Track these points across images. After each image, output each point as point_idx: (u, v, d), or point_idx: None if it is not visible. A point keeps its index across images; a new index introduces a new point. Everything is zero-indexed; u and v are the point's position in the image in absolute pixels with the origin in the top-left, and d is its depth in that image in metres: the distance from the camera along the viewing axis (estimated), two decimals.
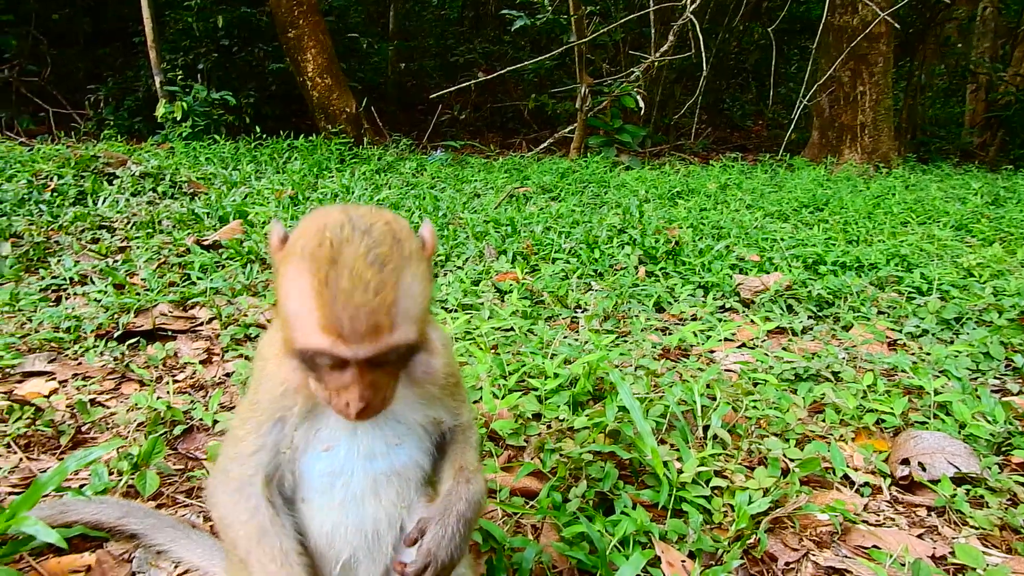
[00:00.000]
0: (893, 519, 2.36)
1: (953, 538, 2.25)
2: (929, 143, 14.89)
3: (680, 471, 2.34)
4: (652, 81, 13.39)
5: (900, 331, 4.02)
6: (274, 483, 1.46)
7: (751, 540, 2.13)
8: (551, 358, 3.21)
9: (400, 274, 1.20)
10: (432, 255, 1.35)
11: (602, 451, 2.47)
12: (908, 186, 9.54)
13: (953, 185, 9.82)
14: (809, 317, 4.29)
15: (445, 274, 4.71)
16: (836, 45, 11.57)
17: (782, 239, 5.78)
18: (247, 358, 3.30)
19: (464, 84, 10.88)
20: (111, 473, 2.33)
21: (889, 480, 2.56)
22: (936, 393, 2.99)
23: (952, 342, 3.85)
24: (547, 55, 11.45)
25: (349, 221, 1.22)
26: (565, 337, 3.74)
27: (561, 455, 2.46)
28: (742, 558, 2.05)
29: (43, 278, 4.13)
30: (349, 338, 1.16)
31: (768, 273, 4.88)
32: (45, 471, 2.26)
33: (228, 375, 3.24)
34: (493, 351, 3.40)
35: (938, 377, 3.19)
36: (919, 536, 2.26)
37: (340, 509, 1.47)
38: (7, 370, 3.08)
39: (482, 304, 4.12)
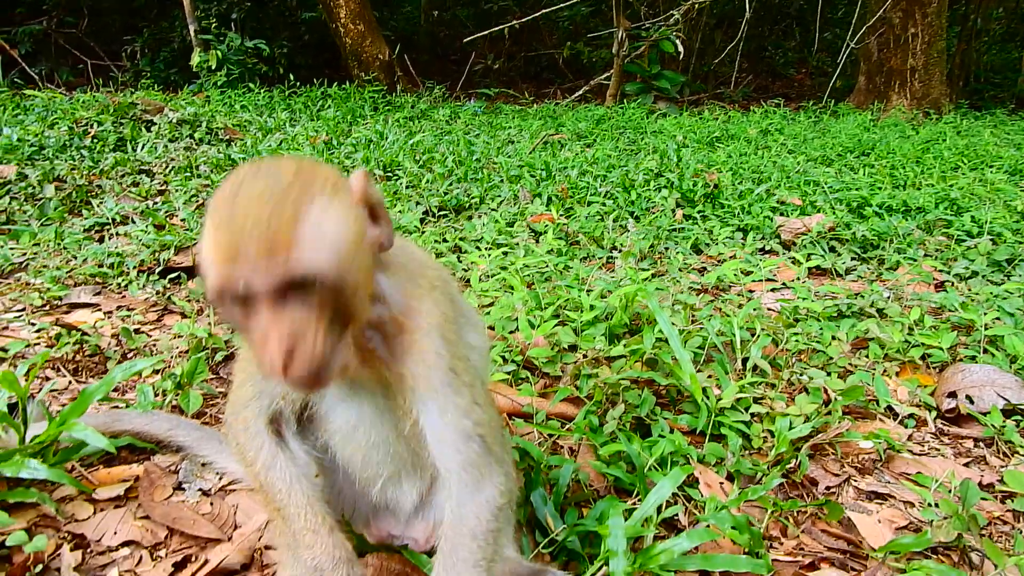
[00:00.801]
0: (938, 449, 2.31)
1: (1002, 467, 2.19)
2: (983, 90, 14.23)
3: (719, 398, 2.31)
4: (691, 26, 12.98)
5: (948, 272, 3.89)
6: (283, 421, 1.51)
7: (791, 464, 2.11)
8: (587, 292, 3.18)
9: (301, 204, 1.10)
10: (364, 202, 1.23)
11: (639, 378, 2.45)
12: (959, 132, 9.16)
13: (1008, 131, 9.40)
14: (853, 258, 4.17)
15: (480, 216, 4.68)
16: None
17: (825, 183, 5.61)
18: None
19: (497, 29, 10.66)
20: (156, 393, 2.39)
21: (935, 413, 2.50)
22: (986, 328, 2.90)
23: (1003, 283, 3.72)
24: None
25: (259, 167, 1.16)
26: (601, 275, 3.70)
27: (598, 381, 2.44)
28: (781, 480, 2.03)
29: (86, 219, 4.20)
30: (241, 261, 1.06)
31: (810, 215, 4.75)
32: None
33: None
34: (528, 287, 3.38)
35: (988, 314, 3.08)
36: (965, 465, 2.21)
37: (368, 446, 1.51)
38: (54, 301, 3.16)
39: (517, 243, 4.09)
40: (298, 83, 10.04)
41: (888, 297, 3.40)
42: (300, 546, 1.42)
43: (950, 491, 2.03)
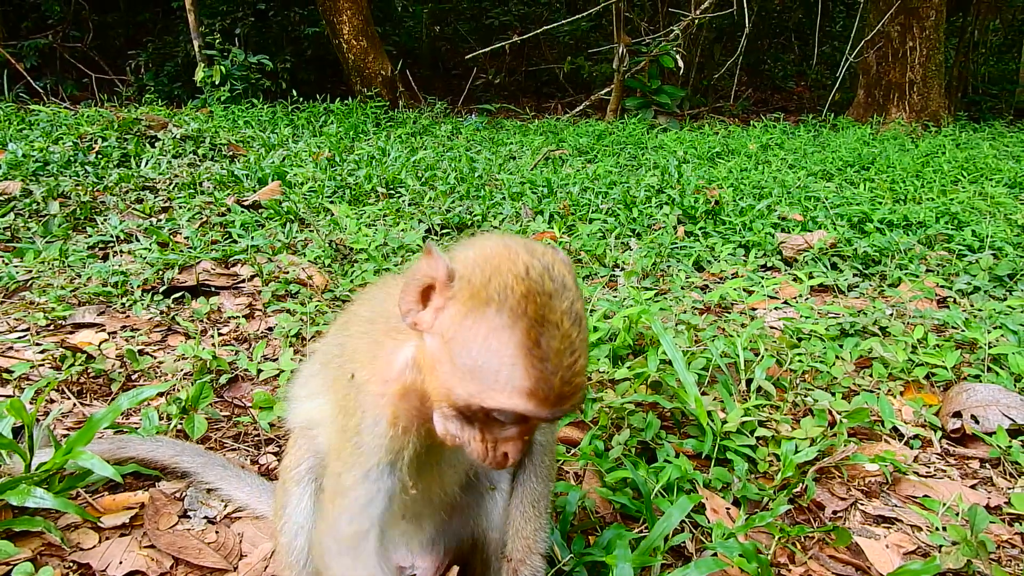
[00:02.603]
0: (944, 471, 2.31)
1: (1008, 489, 2.19)
2: (981, 102, 14.28)
3: (724, 421, 2.30)
4: (691, 41, 13.05)
5: (951, 288, 3.89)
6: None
7: (797, 489, 2.10)
8: (590, 313, 3.18)
9: (587, 344, 1.14)
10: None
11: (644, 401, 2.45)
12: (959, 144, 9.19)
13: (1007, 143, 9.43)
14: (855, 275, 4.18)
15: (481, 234, 4.69)
16: None
17: (826, 198, 5.63)
18: (290, 312, 3.34)
19: (499, 45, 10.73)
20: (161, 418, 2.39)
21: (940, 433, 2.50)
22: (990, 346, 2.90)
23: (1005, 299, 3.72)
24: (583, 14, 11.20)
25: (544, 268, 1.11)
26: (604, 295, 3.70)
27: (602, 406, 2.44)
28: (788, 505, 2.02)
29: (90, 236, 4.22)
30: (555, 402, 1.09)
31: (811, 232, 4.76)
32: None
33: (270, 329, 3.29)
34: None
35: (991, 332, 3.08)
36: (972, 487, 2.21)
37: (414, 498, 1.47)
38: (59, 321, 3.17)
39: None
40: (301, 98, 10.09)
41: (891, 314, 3.40)
42: None
43: (958, 515, 2.02)
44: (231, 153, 6.50)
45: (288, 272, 3.81)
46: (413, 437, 1.29)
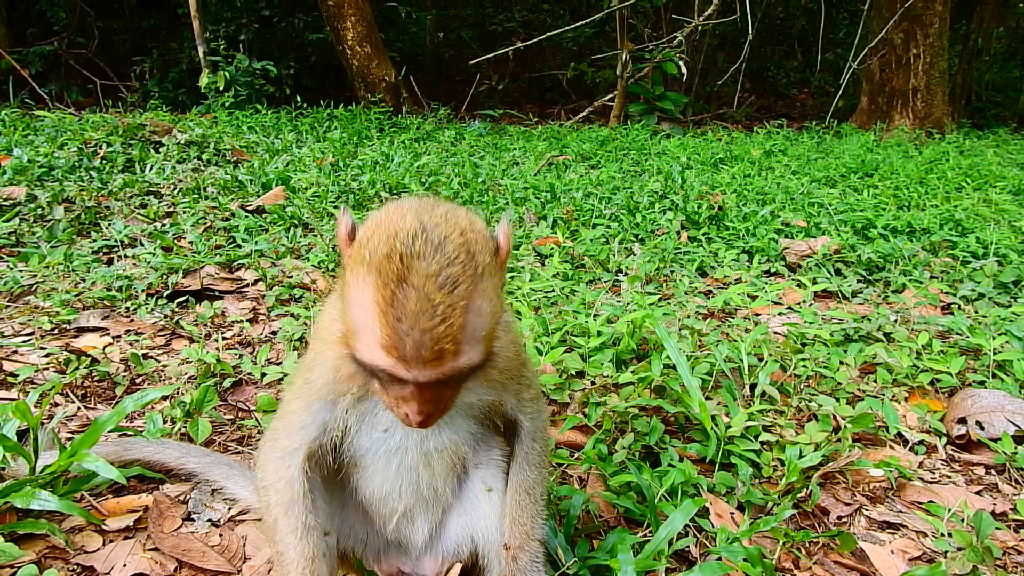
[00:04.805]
0: (949, 477, 2.30)
1: (1014, 495, 2.18)
2: (985, 109, 14.29)
3: (728, 426, 2.30)
4: (694, 48, 13.08)
5: (955, 294, 3.89)
6: (320, 459, 1.51)
7: (802, 493, 2.10)
8: (594, 317, 3.18)
9: (471, 295, 1.13)
10: (507, 259, 1.30)
11: (648, 406, 2.45)
12: (962, 151, 9.19)
13: (1011, 150, 9.43)
14: (858, 281, 4.17)
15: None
16: (889, 5, 11.11)
17: (830, 204, 5.63)
18: (294, 316, 3.34)
19: (502, 52, 10.74)
20: (165, 421, 2.39)
21: (945, 439, 2.49)
22: (995, 353, 2.89)
23: (1010, 305, 3.71)
24: (587, 20, 11.23)
25: (422, 231, 1.14)
26: (607, 299, 3.70)
27: (606, 409, 2.44)
28: (793, 510, 2.02)
29: (95, 241, 4.23)
30: (411, 363, 1.13)
31: (815, 237, 4.76)
32: None
33: (274, 333, 3.29)
34: (535, 312, 3.38)
35: (996, 338, 3.08)
36: (977, 493, 2.20)
37: (395, 478, 1.54)
38: (63, 325, 3.18)
39: (523, 267, 4.10)
40: (305, 104, 10.13)
41: (895, 320, 3.39)
42: None
43: (963, 520, 2.01)
44: (235, 158, 6.52)
45: (292, 276, 3.81)
46: (354, 386, 1.40)
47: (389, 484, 1.54)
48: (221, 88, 9.93)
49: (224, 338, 3.18)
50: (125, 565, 1.75)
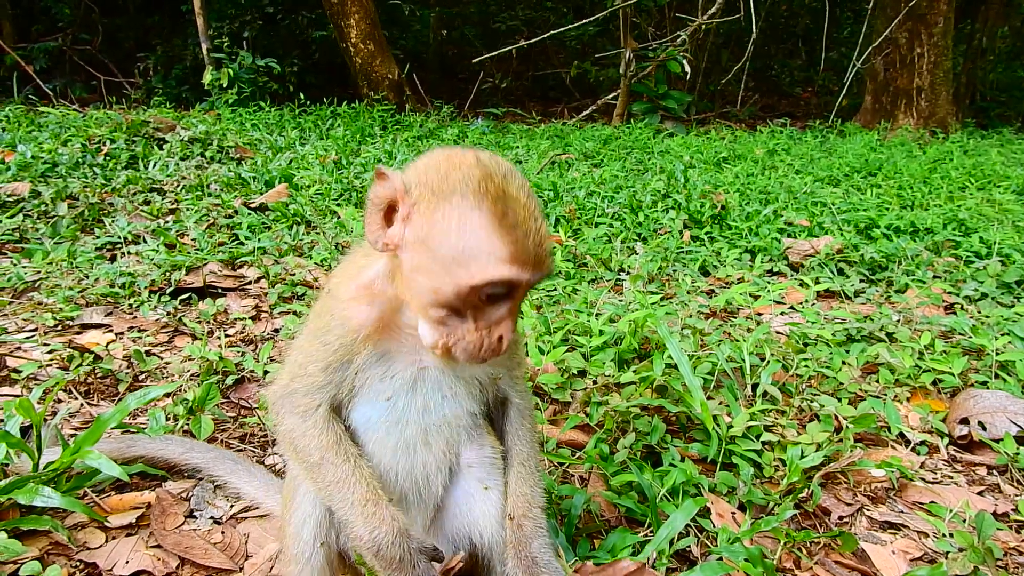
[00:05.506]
0: (951, 477, 2.29)
1: (1016, 496, 2.17)
2: (989, 108, 14.24)
3: (729, 425, 2.30)
4: (698, 46, 13.06)
5: (958, 294, 3.88)
6: (337, 410, 1.52)
7: (803, 494, 2.10)
8: (596, 316, 3.18)
9: (541, 212, 1.30)
10: None
11: (649, 405, 2.45)
12: (966, 151, 9.17)
13: (1015, 150, 9.40)
14: (861, 280, 4.17)
15: None
16: (893, 5, 11.07)
17: (833, 204, 5.62)
18: (296, 314, 3.35)
19: (505, 50, 10.74)
20: (167, 418, 2.39)
21: (947, 439, 2.48)
22: (997, 353, 2.89)
23: (1013, 306, 3.71)
24: (590, 19, 11.21)
25: (488, 156, 1.28)
26: (609, 298, 3.70)
27: (608, 409, 2.44)
28: (794, 511, 2.02)
29: (98, 237, 4.24)
30: (530, 264, 1.23)
31: (818, 237, 4.75)
32: None
33: (277, 330, 3.29)
34: (537, 311, 3.38)
35: (998, 338, 3.07)
36: (979, 494, 2.20)
37: (392, 454, 1.53)
38: (67, 321, 3.18)
39: None
40: (308, 102, 10.14)
41: (898, 320, 3.39)
42: (358, 522, 1.42)
43: (964, 521, 2.01)
44: (238, 156, 6.53)
45: (295, 274, 3.82)
46: (373, 342, 1.43)
47: (387, 461, 1.53)
48: (225, 85, 9.94)
49: (227, 335, 3.19)
50: (127, 562, 1.76)
